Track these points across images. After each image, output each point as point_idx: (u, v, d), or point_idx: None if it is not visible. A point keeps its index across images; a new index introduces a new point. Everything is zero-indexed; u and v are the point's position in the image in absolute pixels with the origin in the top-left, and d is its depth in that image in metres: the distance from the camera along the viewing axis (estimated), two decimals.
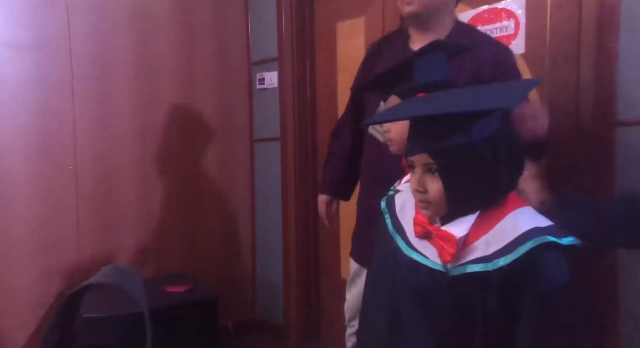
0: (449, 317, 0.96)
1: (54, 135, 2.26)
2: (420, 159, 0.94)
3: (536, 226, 0.90)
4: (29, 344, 2.17)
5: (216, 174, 2.76)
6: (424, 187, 0.94)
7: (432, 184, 0.94)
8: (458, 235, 0.93)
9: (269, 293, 2.83)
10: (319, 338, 2.73)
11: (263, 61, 2.80)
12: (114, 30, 2.41)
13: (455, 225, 0.94)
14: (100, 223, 2.37)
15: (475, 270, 0.92)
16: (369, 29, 2.43)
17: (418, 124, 0.95)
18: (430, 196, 0.94)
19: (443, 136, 0.89)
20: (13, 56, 2.16)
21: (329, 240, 2.68)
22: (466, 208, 0.94)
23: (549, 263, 0.89)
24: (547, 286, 0.88)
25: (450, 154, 0.90)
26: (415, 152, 0.95)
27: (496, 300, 0.91)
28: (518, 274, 0.89)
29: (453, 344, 0.97)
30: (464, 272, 0.93)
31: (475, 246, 0.93)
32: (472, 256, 0.93)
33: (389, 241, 1.09)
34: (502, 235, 0.91)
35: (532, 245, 0.88)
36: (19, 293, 2.16)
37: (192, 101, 2.67)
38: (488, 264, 0.91)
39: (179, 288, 2.23)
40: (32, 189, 2.20)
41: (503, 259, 0.89)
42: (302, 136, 2.69)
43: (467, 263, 0.93)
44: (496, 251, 0.90)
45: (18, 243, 2.16)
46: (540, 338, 0.88)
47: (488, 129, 0.90)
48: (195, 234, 2.68)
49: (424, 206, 0.96)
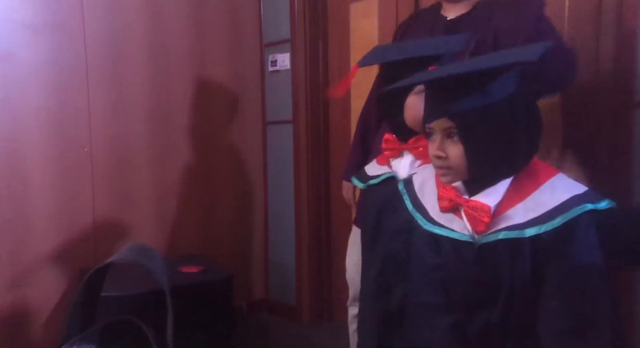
0: (469, 292, 0.97)
1: (69, 117, 2.28)
2: (439, 125, 0.94)
3: (574, 194, 0.90)
4: (50, 322, 2.22)
5: (229, 156, 2.78)
6: (445, 152, 0.94)
7: (453, 148, 0.93)
8: (491, 205, 0.92)
9: (282, 274, 2.86)
10: (330, 319, 2.77)
11: (275, 42, 2.79)
12: (127, 12, 2.40)
13: (486, 195, 0.94)
14: (115, 204, 2.40)
15: (509, 236, 0.91)
16: (382, 9, 2.40)
17: (436, 90, 0.94)
18: (451, 162, 0.93)
19: (462, 98, 0.89)
20: (28, 37, 2.17)
21: (341, 221, 2.70)
22: (488, 173, 0.94)
23: (586, 231, 0.89)
24: (581, 253, 0.88)
25: (470, 115, 0.89)
26: (435, 117, 0.94)
27: (526, 268, 0.91)
28: (553, 242, 0.89)
29: (471, 320, 0.98)
30: (496, 239, 0.92)
31: (509, 215, 0.92)
32: (506, 224, 0.92)
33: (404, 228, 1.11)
34: (539, 203, 0.91)
35: (572, 215, 0.88)
36: (38, 273, 2.21)
37: (205, 83, 2.67)
38: (523, 231, 0.90)
39: (194, 269, 2.26)
40: (48, 170, 2.23)
41: (539, 227, 0.89)
42: (315, 119, 2.69)
43: (500, 231, 0.92)
44: (533, 219, 0.90)
45: (35, 224, 2.20)
46: (566, 303, 0.89)
47: (506, 89, 0.89)
48: (209, 215, 2.71)
49: (444, 173, 0.96)
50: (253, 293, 2.90)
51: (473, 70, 0.89)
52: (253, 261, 2.90)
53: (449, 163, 0.94)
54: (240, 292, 2.70)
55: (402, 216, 1.21)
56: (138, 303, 1.88)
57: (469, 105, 0.89)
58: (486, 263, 0.94)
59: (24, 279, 2.18)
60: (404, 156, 1.27)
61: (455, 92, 0.90)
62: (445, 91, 0.92)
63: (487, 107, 0.89)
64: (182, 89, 2.59)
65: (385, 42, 2.39)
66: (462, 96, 0.89)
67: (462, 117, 0.90)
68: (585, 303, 0.89)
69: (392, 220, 1.25)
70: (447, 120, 0.92)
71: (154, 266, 1.25)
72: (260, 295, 2.93)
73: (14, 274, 2.16)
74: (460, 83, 0.90)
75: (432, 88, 0.96)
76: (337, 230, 2.73)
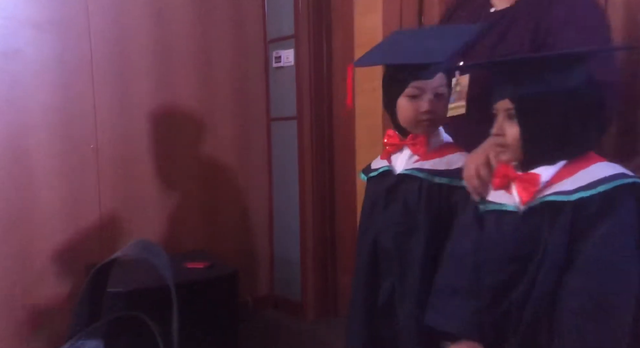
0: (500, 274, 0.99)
1: (75, 114, 2.29)
2: (502, 105, 1.00)
3: (621, 172, 0.94)
4: (57, 317, 2.24)
5: (233, 152, 2.78)
6: (503, 131, 1.00)
7: (510, 129, 0.99)
8: (544, 179, 0.97)
9: (287, 269, 2.87)
10: (336, 314, 2.77)
11: (279, 39, 2.78)
12: (131, 9, 2.41)
13: (539, 170, 0.99)
14: (121, 200, 2.42)
15: (552, 199, 0.95)
16: (386, 4, 2.40)
17: (503, 72, 1.00)
18: (508, 140, 0.99)
19: (525, 83, 0.96)
20: (33, 34, 2.18)
21: (346, 217, 2.70)
22: (542, 156, 0.99)
23: (626, 208, 0.91)
24: (616, 228, 0.90)
25: (529, 100, 0.96)
26: (497, 98, 1.00)
27: (563, 239, 0.93)
28: (594, 210, 0.91)
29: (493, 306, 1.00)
30: (542, 202, 0.96)
31: (557, 185, 0.96)
32: (552, 191, 0.96)
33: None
34: (586, 176, 0.94)
35: (615, 184, 0.91)
36: (45, 269, 2.23)
37: (209, 79, 2.67)
38: (568, 195, 0.93)
39: (199, 265, 2.27)
40: (54, 168, 2.24)
41: (583, 192, 0.92)
42: (319, 115, 2.69)
43: (545, 196, 0.96)
44: (578, 187, 0.93)
45: (42, 221, 2.22)
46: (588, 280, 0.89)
47: (570, 81, 0.95)
48: (214, 211, 2.72)
49: (501, 151, 1.02)
50: (258, 289, 2.91)
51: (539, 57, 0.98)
52: (258, 257, 2.91)
53: (506, 142, 1.00)
54: (245, 288, 2.71)
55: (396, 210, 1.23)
56: (143, 299, 1.89)
57: (529, 91, 0.95)
58: (525, 229, 0.97)
59: (30, 275, 2.20)
60: (403, 151, 1.28)
61: (520, 76, 0.97)
62: (511, 74, 0.98)
63: (547, 95, 0.95)
64: (186, 85, 2.60)
65: None
66: (525, 80, 0.96)
67: (522, 101, 0.96)
68: (608, 282, 0.89)
69: (385, 213, 1.26)
70: (510, 102, 0.98)
71: (159, 261, 1.26)
72: (265, 291, 2.94)
73: (21, 270, 2.17)
74: (526, 68, 0.97)
75: (499, 70, 1.02)
76: (342, 226, 2.73)
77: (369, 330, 1.30)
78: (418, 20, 2.28)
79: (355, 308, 1.34)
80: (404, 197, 1.23)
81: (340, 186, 2.73)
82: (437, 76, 1.19)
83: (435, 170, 1.21)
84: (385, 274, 1.27)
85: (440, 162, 1.22)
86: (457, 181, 1.18)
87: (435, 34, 1.29)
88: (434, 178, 1.21)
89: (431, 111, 1.21)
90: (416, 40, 1.28)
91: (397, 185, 1.26)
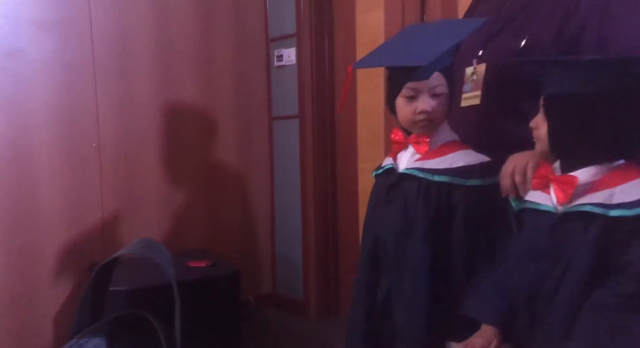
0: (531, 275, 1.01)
1: (77, 113, 2.29)
2: (542, 101, 1.05)
3: None
4: (60, 316, 2.25)
5: (235, 151, 2.78)
6: (537, 125, 1.05)
7: (543, 125, 1.04)
8: (582, 181, 0.98)
9: (289, 268, 2.87)
10: (338, 314, 2.77)
11: (281, 37, 2.78)
12: (133, 8, 2.41)
13: (578, 173, 1.00)
14: (123, 199, 2.42)
15: (588, 210, 0.95)
16: (388, 2, 2.39)
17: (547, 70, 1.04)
18: (541, 133, 1.05)
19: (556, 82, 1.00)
20: (35, 33, 2.18)
21: (348, 216, 2.70)
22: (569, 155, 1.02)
23: None
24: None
25: (558, 100, 1.01)
26: (542, 93, 1.05)
27: (592, 247, 0.93)
28: (629, 231, 0.91)
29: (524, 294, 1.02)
30: (579, 210, 0.97)
31: (599, 194, 0.95)
32: (593, 201, 0.95)
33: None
34: (631, 191, 0.93)
35: None
36: (47, 268, 2.23)
37: (211, 78, 2.67)
38: (605, 209, 0.93)
39: (201, 263, 2.27)
40: (56, 166, 2.24)
41: (623, 211, 0.91)
42: (321, 114, 2.69)
43: (584, 204, 0.96)
44: (620, 203, 0.92)
45: (44, 219, 2.22)
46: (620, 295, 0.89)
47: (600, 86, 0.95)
48: (216, 210, 2.72)
49: (536, 140, 1.07)
50: (260, 288, 2.91)
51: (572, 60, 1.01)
52: (260, 256, 2.91)
53: (539, 135, 1.05)
54: (248, 287, 2.71)
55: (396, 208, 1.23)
56: (146, 297, 1.89)
57: (559, 90, 1.00)
58: (559, 231, 0.99)
59: (33, 274, 2.20)
60: (408, 149, 1.27)
61: (554, 75, 1.01)
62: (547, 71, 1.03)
63: (572, 96, 0.98)
64: (188, 84, 2.60)
65: (391, 35, 2.38)
66: (557, 79, 1.00)
67: (551, 99, 1.02)
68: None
69: (385, 211, 1.26)
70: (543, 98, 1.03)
71: (162, 260, 1.26)
72: (268, 290, 2.94)
73: (24, 269, 2.18)
74: (561, 67, 1.00)
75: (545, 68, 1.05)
76: (344, 225, 2.73)
77: (368, 329, 1.29)
78: (420, 18, 2.28)
79: (356, 307, 1.33)
80: (404, 196, 1.23)
81: (342, 185, 2.73)
82: (433, 75, 1.17)
83: (435, 169, 1.20)
84: (385, 273, 1.26)
85: (441, 161, 1.21)
86: (458, 180, 1.17)
87: (436, 31, 1.27)
88: (433, 177, 1.19)
89: (427, 112, 1.19)
90: (412, 40, 1.27)
91: (398, 183, 1.25)
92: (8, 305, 2.15)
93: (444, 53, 1.16)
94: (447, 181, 1.18)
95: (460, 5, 2.10)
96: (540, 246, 1.01)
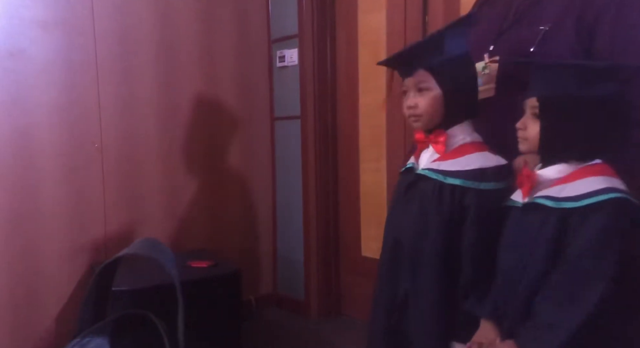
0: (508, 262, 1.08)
1: (80, 113, 2.29)
2: (530, 103, 1.08)
3: (611, 186, 0.98)
4: (63, 316, 2.25)
5: (237, 151, 2.79)
6: (525, 126, 1.09)
7: (532, 125, 1.07)
8: (550, 177, 1.05)
9: (290, 268, 2.87)
10: (339, 314, 2.78)
11: (283, 38, 2.79)
12: (136, 9, 2.42)
13: (550, 169, 1.07)
14: (125, 200, 2.42)
15: (540, 202, 1.03)
16: (390, 3, 2.40)
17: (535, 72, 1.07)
18: (529, 134, 1.08)
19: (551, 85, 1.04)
20: (38, 33, 2.19)
21: (349, 217, 2.70)
22: (555, 155, 1.06)
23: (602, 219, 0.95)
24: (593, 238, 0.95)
25: (553, 102, 1.04)
26: (528, 95, 1.08)
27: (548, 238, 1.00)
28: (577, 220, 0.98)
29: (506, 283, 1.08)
30: (533, 201, 1.05)
31: (554, 188, 1.03)
32: (545, 194, 1.04)
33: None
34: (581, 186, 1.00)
35: (601, 198, 0.96)
36: (49, 268, 2.23)
37: (213, 78, 2.68)
38: (555, 202, 1.01)
39: (203, 264, 2.28)
40: (58, 166, 2.25)
41: (569, 203, 0.99)
42: (323, 114, 2.69)
43: (538, 197, 1.05)
44: (567, 197, 1.00)
45: (46, 220, 2.22)
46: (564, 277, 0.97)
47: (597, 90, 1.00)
48: (217, 210, 2.73)
49: (521, 141, 1.11)
50: (261, 288, 2.91)
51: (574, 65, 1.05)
52: (261, 256, 2.92)
53: (526, 135, 1.09)
54: (249, 287, 2.71)
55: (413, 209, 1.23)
56: (149, 297, 1.89)
57: (555, 93, 1.03)
58: (522, 223, 1.07)
59: (35, 274, 2.20)
60: (430, 149, 1.27)
61: (548, 78, 1.04)
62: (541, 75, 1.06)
63: (571, 99, 1.02)
64: (190, 85, 2.60)
65: (394, 36, 2.39)
66: (553, 83, 1.03)
67: (546, 102, 1.04)
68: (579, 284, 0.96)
69: (404, 211, 1.26)
70: (535, 100, 1.06)
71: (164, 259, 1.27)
72: (269, 290, 2.95)
73: (26, 268, 2.18)
74: (555, 71, 1.04)
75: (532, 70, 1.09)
76: (345, 225, 2.74)
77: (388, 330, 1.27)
78: (423, 19, 2.28)
79: (377, 307, 1.32)
80: (420, 196, 1.22)
81: (344, 185, 2.74)
82: (418, 72, 1.20)
83: (449, 171, 1.19)
84: (404, 272, 1.25)
85: (456, 162, 1.19)
86: (470, 183, 1.16)
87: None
88: (445, 179, 1.19)
89: (411, 107, 1.21)
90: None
91: (416, 183, 1.24)
92: (10, 304, 2.15)
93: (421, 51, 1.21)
94: (460, 184, 1.17)
95: (463, 6, 2.10)
96: (508, 239, 1.09)
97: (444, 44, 1.19)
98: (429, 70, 1.20)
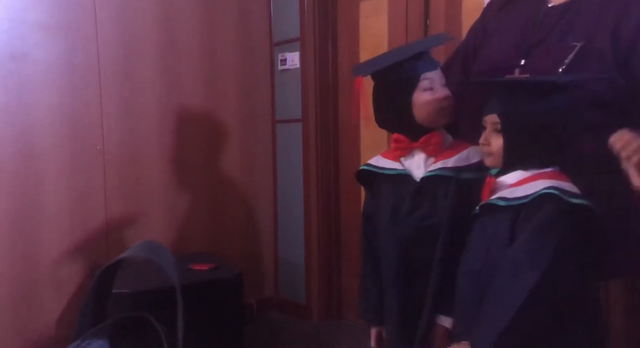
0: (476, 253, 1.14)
1: (82, 115, 2.30)
2: (490, 119, 1.12)
3: (556, 186, 1.04)
4: (63, 318, 2.25)
5: (239, 154, 2.79)
6: (489, 141, 1.13)
7: (496, 140, 1.12)
8: (507, 182, 1.11)
9: (291, 272, 2.87)
10: (340, 317, 2.77)
11: (285, 41, 2.79)
12: (138, 12, 2.43)
13: (508, 176, 1.13)
14: (127, 201, 2.43)
15: (492, 202, 1.11)
16: (392, 7, 2.40)
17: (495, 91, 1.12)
18: (493, 149, 1.12)
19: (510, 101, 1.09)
20: (41, 37, 2.20)
21: (350, 220, 2.70)
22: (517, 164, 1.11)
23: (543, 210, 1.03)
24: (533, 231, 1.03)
25: (513, 118, 1.08)
26: (487, 112, 1.12)
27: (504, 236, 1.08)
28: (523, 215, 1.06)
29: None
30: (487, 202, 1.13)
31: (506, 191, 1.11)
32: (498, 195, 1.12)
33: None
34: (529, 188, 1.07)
35: (537, 194, 1.04)
36: (51, 270, 2.24)
37: (215, 81, 2.68)
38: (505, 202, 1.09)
39: (204, 266, 2.27)
40: (60, 168, 2.25)
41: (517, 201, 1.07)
42: (324, 117, 2.70)
43: (492, 199, 1.12)
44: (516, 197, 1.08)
45: (48, 221, 2.23)
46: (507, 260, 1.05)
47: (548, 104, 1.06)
48: (219, 213, 2.73)
49: (486, 156, 1.15)
50: (263, 291, 2.91)
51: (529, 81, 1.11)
52: (263, 259, 2.92)
53: (491, 150, 1.13)
54: (250, 290, 2.71)
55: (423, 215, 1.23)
56: (149, 300, 1.89)
57: (514, 109, 1.08)
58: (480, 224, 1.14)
59: (37, 275, 2.21)
60: (415, 154, 1.26)
61: (507, 95, 1.10)
62: (500, 92, 1.11)
63: (528, 114, 1.07)
64: (192, 87, 2.61)
65: (395, 40, 2.39)
66: (511, 99, 1.08)
67: (507, 117, 1.09)
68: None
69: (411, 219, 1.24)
70: (497, 116, 1.10)
71: (165, 262, 1.27)
72: (270, 293, 2.94)
73: (27, 270, 2.18)
74: (512, 89, 1.10)
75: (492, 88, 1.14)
76: (347, 228, 2.73)
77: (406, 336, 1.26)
78: (424, 23, 2.29)
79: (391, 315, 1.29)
80: (431, 199, 1.22)
81: (345, 189, 2.74)
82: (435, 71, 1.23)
83: (460, 167, 1.21)
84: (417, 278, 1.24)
85: (460, 158, 1.22)
86: (484, 175, 1.17)
87: None
88: (460, 174, 1.20)
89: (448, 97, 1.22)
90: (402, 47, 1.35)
91: (423, 189, 1.23)
92: (11, 306, 2.16)
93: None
94: (474, 178, 1.19)
95: (464, 11, 2.11)
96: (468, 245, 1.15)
97: None
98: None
